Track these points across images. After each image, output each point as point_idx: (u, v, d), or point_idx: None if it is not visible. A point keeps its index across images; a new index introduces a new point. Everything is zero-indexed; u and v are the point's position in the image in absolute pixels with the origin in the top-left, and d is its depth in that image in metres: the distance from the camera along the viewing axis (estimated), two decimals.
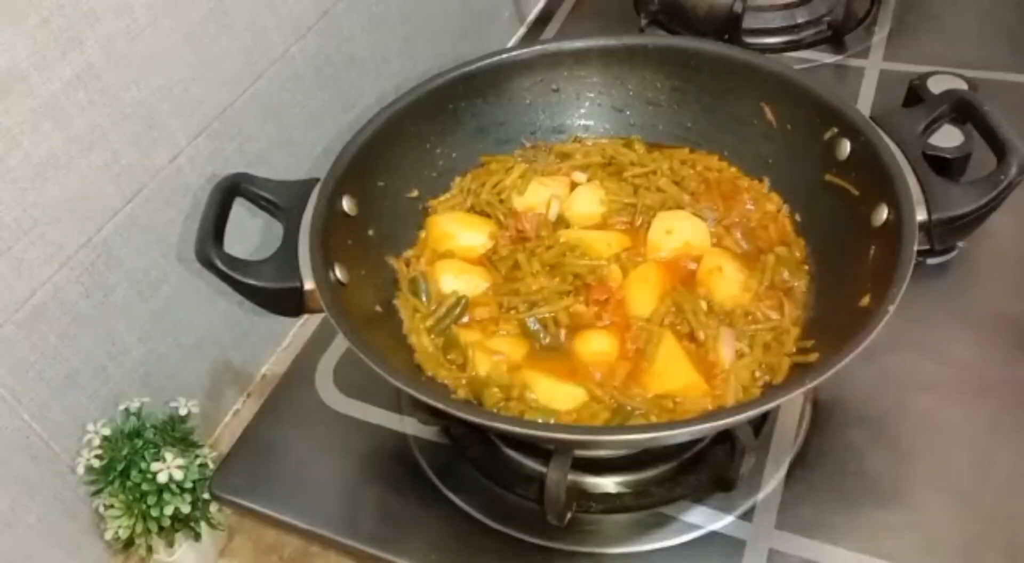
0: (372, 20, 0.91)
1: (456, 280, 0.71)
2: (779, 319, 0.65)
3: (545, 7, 1.24)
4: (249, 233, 0.79)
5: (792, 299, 0.67)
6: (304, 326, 0.89)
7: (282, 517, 0.68)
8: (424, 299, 0.70)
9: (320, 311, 0.60)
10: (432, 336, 0.67)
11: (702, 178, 0.77)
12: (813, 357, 0.61)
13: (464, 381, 0.65)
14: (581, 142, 0.81)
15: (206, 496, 0.70)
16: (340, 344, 0.79)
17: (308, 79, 0.84)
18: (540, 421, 0.61)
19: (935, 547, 0.61)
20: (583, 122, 0.82)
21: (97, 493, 0.68)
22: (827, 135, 0.68)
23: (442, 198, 0.78)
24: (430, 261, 0.73)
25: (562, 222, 0.76)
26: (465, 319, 0.69)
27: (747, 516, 0.63)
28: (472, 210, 0.77)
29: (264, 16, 0.77)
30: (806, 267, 0.69)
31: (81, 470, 0.66)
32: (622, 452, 0.67)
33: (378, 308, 0.68)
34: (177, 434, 0.70)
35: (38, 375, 0.64)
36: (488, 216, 0.77)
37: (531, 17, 1.23)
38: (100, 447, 0.67)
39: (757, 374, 0.63)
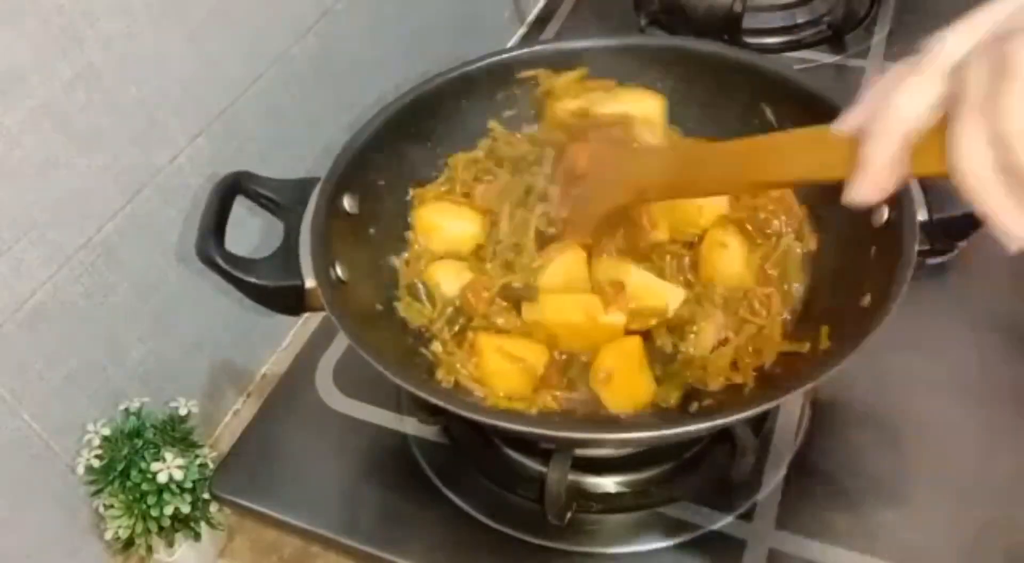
0: (372, 20, 0.91)
1: (457, 280, 0.70)
2: (766, 317, 0.65)
3: (545, 7, 1.24)
4: (250, 231, 0.79)
5: (786, 297, 0.66)
6: (304, 325, 0.89)
7: (282, 517, 0.68)
8: (426, 302, 0.69)
9: (321, 309, 0.60)
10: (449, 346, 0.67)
11: None
12: (805, 347, 0.61)
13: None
14: None
15: (206, 496, 0.70)
16: (340, 344, 0.79)
17: (308, 79, 0.84)
18: (540, 420, 0.61)
19: (935, 547, 0.61)
20: None
21: (97, 493, 0.68)
22: None
23: (429, 188, 0.75)
24: (427, 262, 0.71)
25: None
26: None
27: (747, 516, 0.63)
28: (465, 196, 0.75)
29: (264, 16, 0.77)
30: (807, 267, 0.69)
31: (81, 470, 0.66)
32: (622, 451, 0.67)
33: (379, 306, 0.68)
34: (177, 434, 0.70)
35: (38, 375, 0.64)
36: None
37: (531, 17, 1.23)
38: (100, 447, 0.67)
39: (747, 359, 0.63)
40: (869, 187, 0.39)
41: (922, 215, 0.59)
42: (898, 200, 0.59)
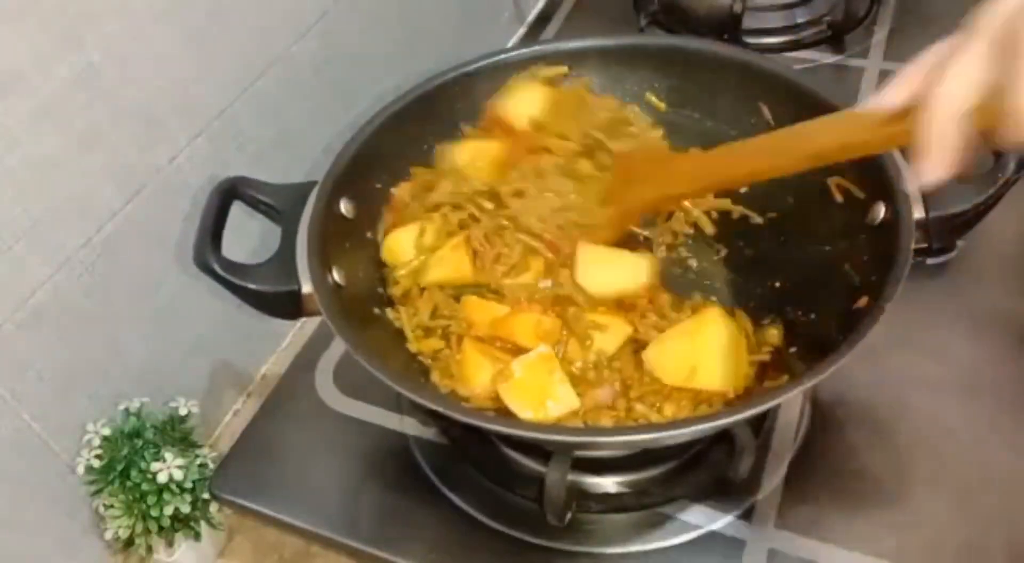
0: (372, 20, 0.91)
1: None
2: None
3: (545, 7, 1.24)
4: (249, 234, 0.79)
5: None
6: (304, 326, 0.89)
7: (282, 517, 0.68)
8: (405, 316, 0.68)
9: (318, 314, 0.60)
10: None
11: None
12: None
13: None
14: None
15: (206, 496, 0.70)
16: (340, 344, 0.78)
17: (308, 79, 0.84)
18: (539, 423, 0.61)
19: (935, 547, 0.60)
20: None
21: (97, 493, 0.68)
22: None
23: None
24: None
25: None
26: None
27: (747, 516, 0.63)
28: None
29: (264, 16, 0.77)
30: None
31: (81, 470, 0.67)
32: (622, 452, 0.67)
33: (376, 310, 0.68)
34: (177, 434, 0.71)
35: (38, 375, 0.64)
36: None
37: (531, 17, 1.23)
38: (100, 447, 0.67)
39: None
40: (936, 168, 0.42)
41: (919, 213, 0.59)
42: (895, 198, 0.59)
